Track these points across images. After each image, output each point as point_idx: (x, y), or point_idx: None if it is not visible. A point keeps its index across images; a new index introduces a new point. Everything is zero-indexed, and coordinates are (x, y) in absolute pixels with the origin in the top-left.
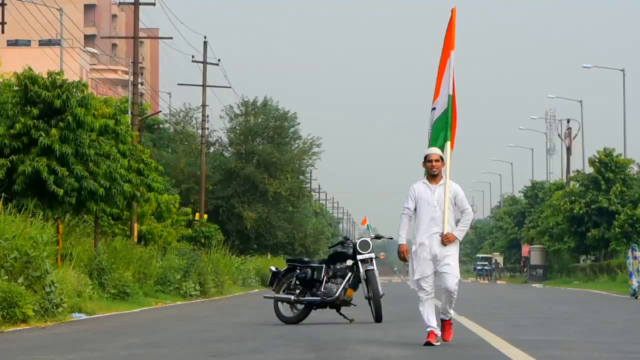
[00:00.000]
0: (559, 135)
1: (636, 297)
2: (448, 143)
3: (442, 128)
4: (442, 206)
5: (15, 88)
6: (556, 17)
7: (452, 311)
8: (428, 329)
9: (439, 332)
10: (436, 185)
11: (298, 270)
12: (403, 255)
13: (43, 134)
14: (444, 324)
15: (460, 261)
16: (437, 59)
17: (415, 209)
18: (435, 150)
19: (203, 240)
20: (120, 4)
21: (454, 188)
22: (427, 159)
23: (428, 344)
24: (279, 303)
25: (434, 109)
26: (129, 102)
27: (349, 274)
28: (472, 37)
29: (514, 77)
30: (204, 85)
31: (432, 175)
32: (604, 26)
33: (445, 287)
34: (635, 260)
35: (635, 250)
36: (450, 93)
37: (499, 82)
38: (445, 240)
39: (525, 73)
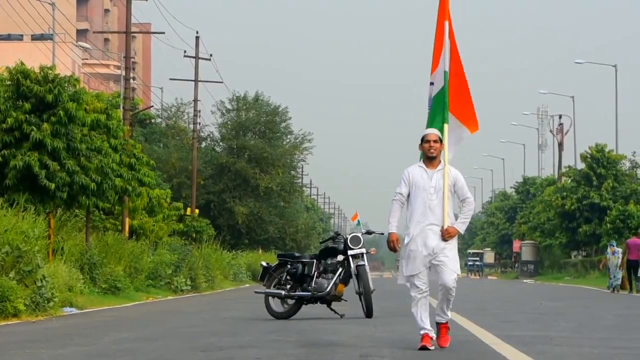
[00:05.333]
0: (550, 130)
1: (616, 292)
2: (446, 125)
3: (440, 108)
4: (440, 194)
5: (7, 82)
6: (548, 12)
7: (449, 313)
8: (422, 332)
9: (433, 335)
10: (434, 170)
11: (289, 266)
12: (393, 245)
13: (35, 129)
14: (440, 327)
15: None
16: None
17: (408, 196)
18: (433, 130)
19: (194, 235)
20: None
21: (453, 174)
22: (424, 140)
23: (423, 348)
24: (270, 298)
25: (431, 83)
26: (121, 96)
27: (340, 269)
28: (463, 31)
29: (506, 72)
30: (195, 80)
31: (430, 158)
32: (597, 21)
33: (441, 284)
34: (614, 256)
35: (614, 246)
36: (447, 69)
37: (491, 77)
38: (446, 235)
39: (517, 68)
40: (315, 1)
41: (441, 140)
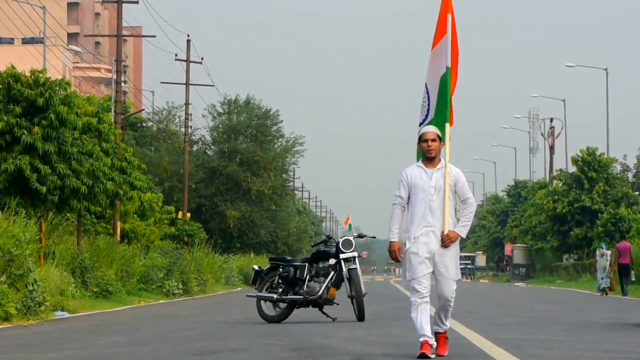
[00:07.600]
0: (542, 134)
1: (606, 294)
2: (447, 124)
3: (440, 106)
4: (441, 194)
5: None
6: (539, 15)
7: (447, 323)
8: (421, 339)
9: (433, 342)
10: (433, 169)
11: (281, 269)
12: (395, 255)
13: (26, 132)
14: (438, 337)
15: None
16: (425, 56)
17: (409, 198)
18: (431, 129)
19: (186, 239)
20: (103, 2)
21: (454, 173)
22: (422, 139)
23: (422, 355)
24: (262, 302)
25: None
26: (112, 100)
27: (332, 272)
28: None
29: (497, 75)
30: (187, 84)
31: (429, 158)
32: (588, 24)
33: (439, 294)
34: (603, 258)
35: (603, 248)
36: (449, 65)
37: (482, 80)
38: (447, 240)
39: (508, 72)
40: (308, 4)
41: (440, 138)
